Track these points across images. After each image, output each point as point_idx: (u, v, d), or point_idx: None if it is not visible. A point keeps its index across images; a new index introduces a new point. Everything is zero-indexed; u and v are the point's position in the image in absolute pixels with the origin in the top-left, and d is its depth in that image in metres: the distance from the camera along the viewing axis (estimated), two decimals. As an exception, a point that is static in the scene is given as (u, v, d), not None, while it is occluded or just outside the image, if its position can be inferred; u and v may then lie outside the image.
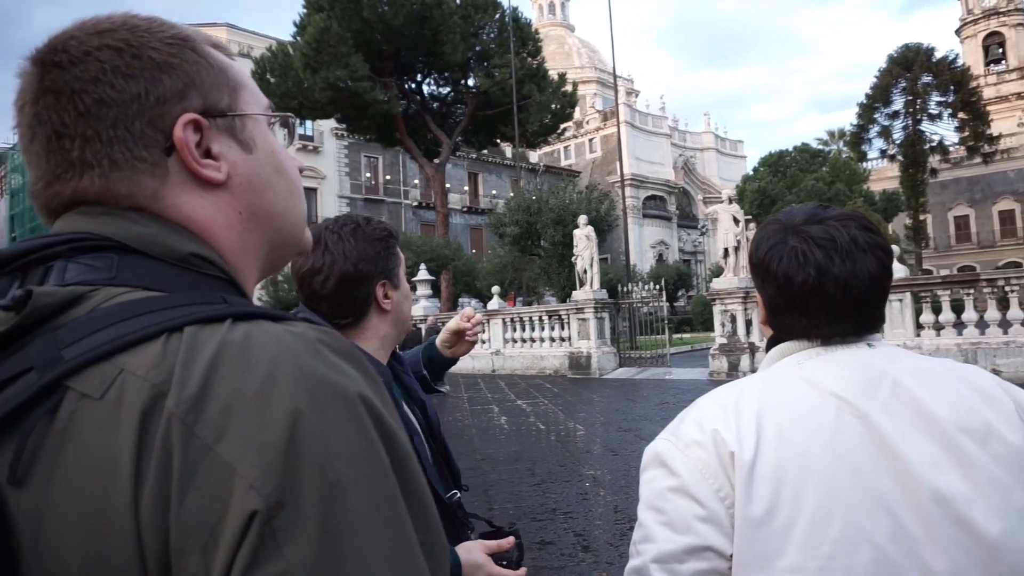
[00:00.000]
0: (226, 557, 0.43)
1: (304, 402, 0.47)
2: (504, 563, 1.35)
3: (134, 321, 0.50)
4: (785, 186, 38.21)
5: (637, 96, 63.28)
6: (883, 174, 45.80)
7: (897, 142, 36.30)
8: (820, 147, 47.86)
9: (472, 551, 1.33)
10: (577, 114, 47.52)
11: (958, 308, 12.90)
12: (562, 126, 32.94)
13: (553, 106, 29.98)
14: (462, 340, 1.77)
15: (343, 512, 0.46)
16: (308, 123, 36.17)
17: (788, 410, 0.95)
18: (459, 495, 1.45)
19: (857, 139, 37.48)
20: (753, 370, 14.82)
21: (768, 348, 1.10)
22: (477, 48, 28.19)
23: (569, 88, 30.76)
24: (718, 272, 18.56)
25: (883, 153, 37.89)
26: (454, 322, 1.76)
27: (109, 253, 0.56)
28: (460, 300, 31.79)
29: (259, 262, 0.67)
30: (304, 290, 1.37)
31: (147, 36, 0.60)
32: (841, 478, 0.89)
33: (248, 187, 0.64)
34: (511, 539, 1.39)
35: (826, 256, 0.98)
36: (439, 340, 1.80)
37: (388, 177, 46.82)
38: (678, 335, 31.47)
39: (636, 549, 0.96)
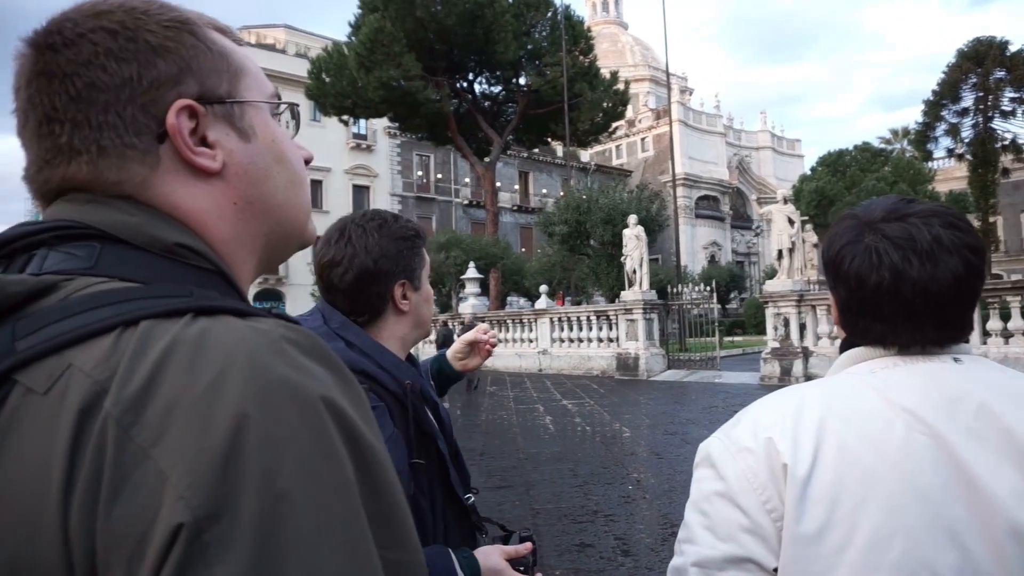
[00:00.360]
0: (153, 570, 0.40)
1: (253, 405, 0.43)
2: (521, 568, 1.31)
3: (92, 313, 0.48)
4: (844, 186, 37.01)
5: (691, 94, 62.28)
6: (950, 174, 43.96)
7: (966, 140, 34.73)
8: (882, 146, 46.17)
9: (491, 556, 1.29)
10: (629, 112, 47.02)
11: (1007, 316, 12.32)
12: (614, 125, 32.63)
13: (605, 104, 29.74)
14: (475, 352, 1.73)
15: (288, 529, 0.41)
16: (361, 122, 36.73)
17: (853, 424, 0.88)
18: (473, 498, 1.42)
19: (922, 137, 35.99)
20: (807, 376, 14.42)
21: (842, 350, 1.02)
22: (529, 47, 28.15)
23: (621, 86, 30.46)
24: (772, 274, 18.09)
25: (950, 152, 36.28)
26: (471, 334, 1.73)
27: (92, 242, 0.54)
28: (508, 299, 31.84)
29: (256, 254, 0.64)
30: (323, 282, 1.35)
31: (144, 19, 0.58)
32: (907, 502, 0.82)
33: (245, 177, 0.61)
34: (528, 545, 1.35)
35: (903, 257, 0.89)
36: (451, 352, 1.75)
37: (439, 175, 47.25)
38: (729, 338, 30.87)
39: (680, 548, 0.94)
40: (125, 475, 0.41)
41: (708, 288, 19.19)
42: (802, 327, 14.93)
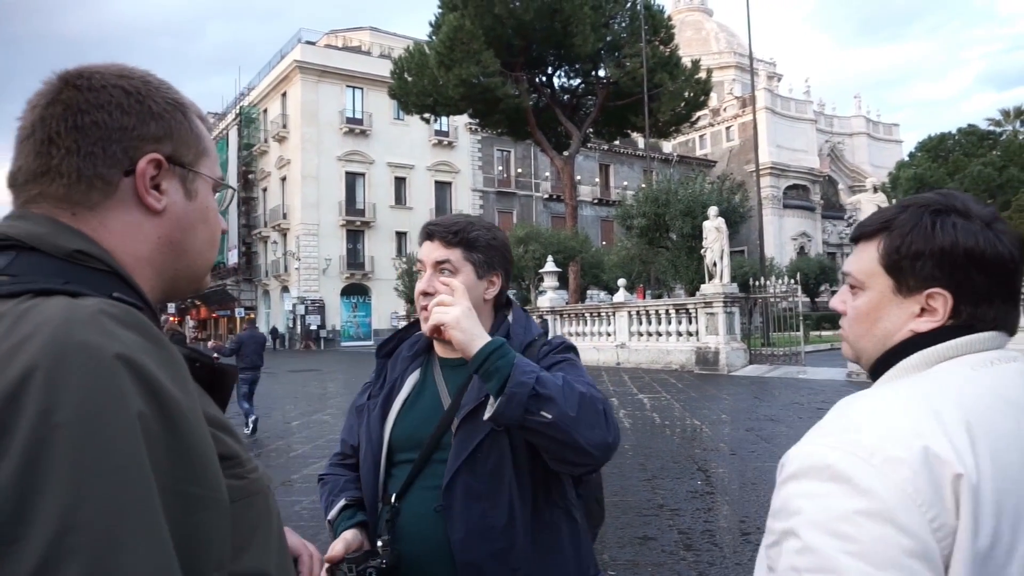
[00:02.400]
0: None
1: (45, 358, 0.55)
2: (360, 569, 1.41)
3: None
4: (946, 172, 34.88)
5: (779, 80, 59.98)
6: (1070, 157, 40.54)
7: (1087, 120, 32.01)
8: (991, 128, 43.11)
9: (337, 544, 1.47)
10: (714, 101, 45.85)
11: None
12: (696, 115, 31.89)
13: (686, 94, 29.12)
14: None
15: (57, 448, 0.52)
16: (443, 119, 37.39)
17: (995, 425, 0.85)
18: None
19: (1037, 118, 33.43)
20: (898, 372, 13.72)
21: (905, 351, 0.99)
22: (608, 38, 27.89)
23: (703, 75, 29.74)
24: (862, 266, 17.29)
25: (1070, 133, 33.55)
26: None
27: (11, 251, 0.69)
28: (588, 292, 31.75)
29: (160, 279, 0.80)
30: None
31: (154, 92, 0.78)
32: None
33: (176, 223, 0.79)
34: (345, 549, 1.46)
35: (1015, 243, 0.97)
36: None
37: (520, 170, 47.53)
38: (817, 332, 29.71)
39: None
40: None
41: (793, 281, 18.56)
42: (893, 322, 14.24)
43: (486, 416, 1.35)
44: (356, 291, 42.01)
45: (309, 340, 38.71)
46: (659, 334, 19.42)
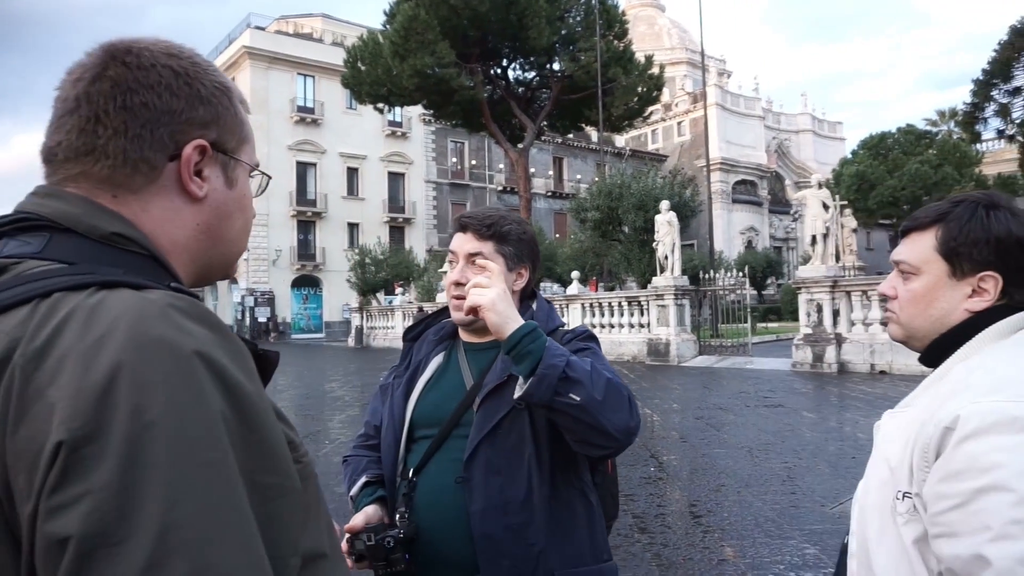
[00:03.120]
0: (42, 478, 0.52)
1: (130, 355, 0.55)
2: (379, 539, 1.45)
3: (17, 289, 0.61)
4: (886, 170, 36.12)
5: (730, 77, 61.23)
6: (999, 156, 42.50)
7: (1017, 121, 33.55)
8: (928, 128, 44.86)
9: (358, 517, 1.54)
10: (666, 96, 46.47)
11: None
12: (649, 109, 32.29)
13: (639, 89, 29.45)
14: None
15: (152, 447, 0.53)
16: (397, 110, 37.04)
17: None
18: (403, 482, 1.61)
19: (971, 118, 34.83)
20: (840, 362, 14.30)
21: (964, 330, 1.13)
22: (563, 32, 28.00)
23: (656, 71, 30.13)
24: (807, 260, 17.89)
25: (1000, 133, 35.07)
26: None
27: (44, 232, 0.68)
28: (541, 284, 31.96)
29: (195, 265, 0.79)
30: None
31: (202, 73, 0.76)
32: None
33: (215, 211, 0.78)
34: (362, 523, 1.52)
35: None
36: None
37: (474, 162, 47.42)
38: (764, 324, 30.55)
39: None
40: (26, 408, 0.54)
41: (741, 274, 19.06)
42: (835, 313, 14.77)
43: (516, 395, 1.40)
44: (307, 283, 41.37)
45: (275, 332, 38.09)
46: (612, 326, 19.71)
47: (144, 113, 0.70)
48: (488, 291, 1.40)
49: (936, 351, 1.17)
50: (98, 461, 0.52)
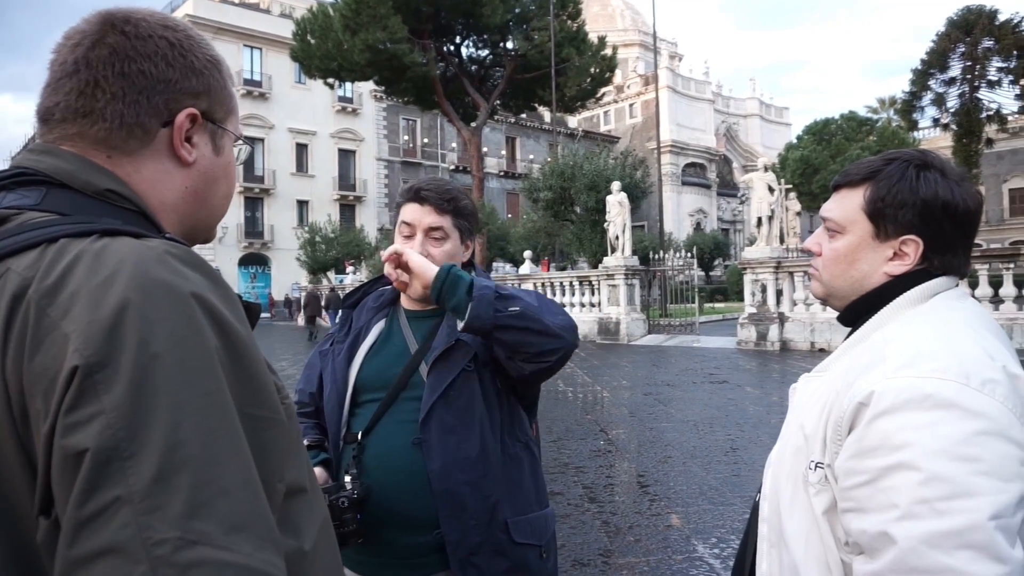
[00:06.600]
0: (59, 399, 0.57)
1: (135, 294, 0.61)
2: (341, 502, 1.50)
3: (25, 235, 0.67)
4: (829, 155, 37.19)
5: (681, 60, 61.85)
6: (935, 144, 44.15)
7: (951, 110, 34.88)
8: (869, 115, 46.28)
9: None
10: (618, 78, 46.73)
11: (996, 284, 12.61)
12: (602, 91, 32.45)
13: (592, 70, 29.53)
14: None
15: (158, 375, 0.59)
16: (347, 85, 36.32)
17: (1004, 341, 1.03)
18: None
19: (908, 107, 36.08)
20: (782, 340, 14.79)
21: (881, 294, 1.12)
22: (516, 10, 27.81)
23: (609, 52, 30.25)
24: (754, 241, 18.39)
25: (936, 122, 36.42)
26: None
27: (42, 187, 0.73)
28: (494, 264, 32.01)
29: (181, 225, 0.84)
30: None
31: (196, 46, 0.82)
32: None
33: (202, 176, 0.84)
34: (323, 474, 1.60)
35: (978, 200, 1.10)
36: None
37: (426, 140, 46.95)
38: (711, 304, 31.29)
39: (939, 508, 0.85)
40: (42, 338, 0.60)
41: (689, 255, 19.46)
42: (779, 293, 15.25)
43: (460, 327, 1.48)
44: (255, 261, 40.49)
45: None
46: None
47: (141, 80, 0.75)
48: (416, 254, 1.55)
49: (854, 312, 1.17)
50: (110, 385, 0.57)
